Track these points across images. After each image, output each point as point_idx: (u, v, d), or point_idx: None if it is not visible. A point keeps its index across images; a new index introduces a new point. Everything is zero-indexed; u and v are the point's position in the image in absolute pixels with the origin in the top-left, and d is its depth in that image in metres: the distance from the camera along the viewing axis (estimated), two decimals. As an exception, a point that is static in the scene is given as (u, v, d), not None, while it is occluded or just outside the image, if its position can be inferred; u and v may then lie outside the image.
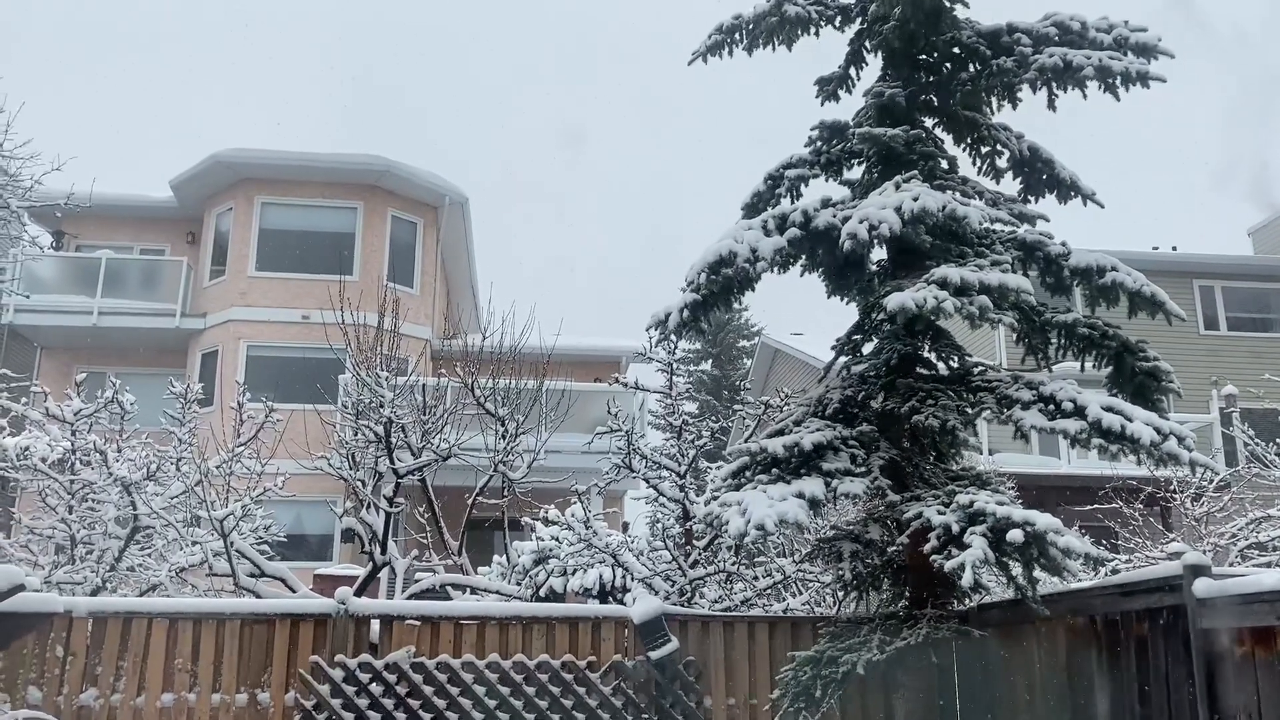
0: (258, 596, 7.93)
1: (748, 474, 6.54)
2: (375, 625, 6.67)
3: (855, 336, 7.46)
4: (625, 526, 14.31)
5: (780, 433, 6.72)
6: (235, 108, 73.22)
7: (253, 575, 8.33)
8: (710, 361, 42.81)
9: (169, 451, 9.28)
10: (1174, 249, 23.38)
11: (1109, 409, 5.92)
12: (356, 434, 9.39)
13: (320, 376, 14.24)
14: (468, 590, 8.82)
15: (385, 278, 16.56)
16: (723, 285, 6.94)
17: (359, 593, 8.11)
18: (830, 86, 7.83)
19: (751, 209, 7.72)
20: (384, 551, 8.80)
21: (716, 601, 8.45)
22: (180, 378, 14.15)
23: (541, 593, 8.67)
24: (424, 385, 9.96)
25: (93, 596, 7.60)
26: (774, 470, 6.37)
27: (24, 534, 9.11)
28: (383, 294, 10.52)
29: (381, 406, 8.88)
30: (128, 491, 8.33)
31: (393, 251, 20.15)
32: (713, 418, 10.57)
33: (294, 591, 8.34)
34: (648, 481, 9.26)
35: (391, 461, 9.00)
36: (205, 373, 18.95)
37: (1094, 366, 6.83)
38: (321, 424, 10.45)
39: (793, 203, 7.52)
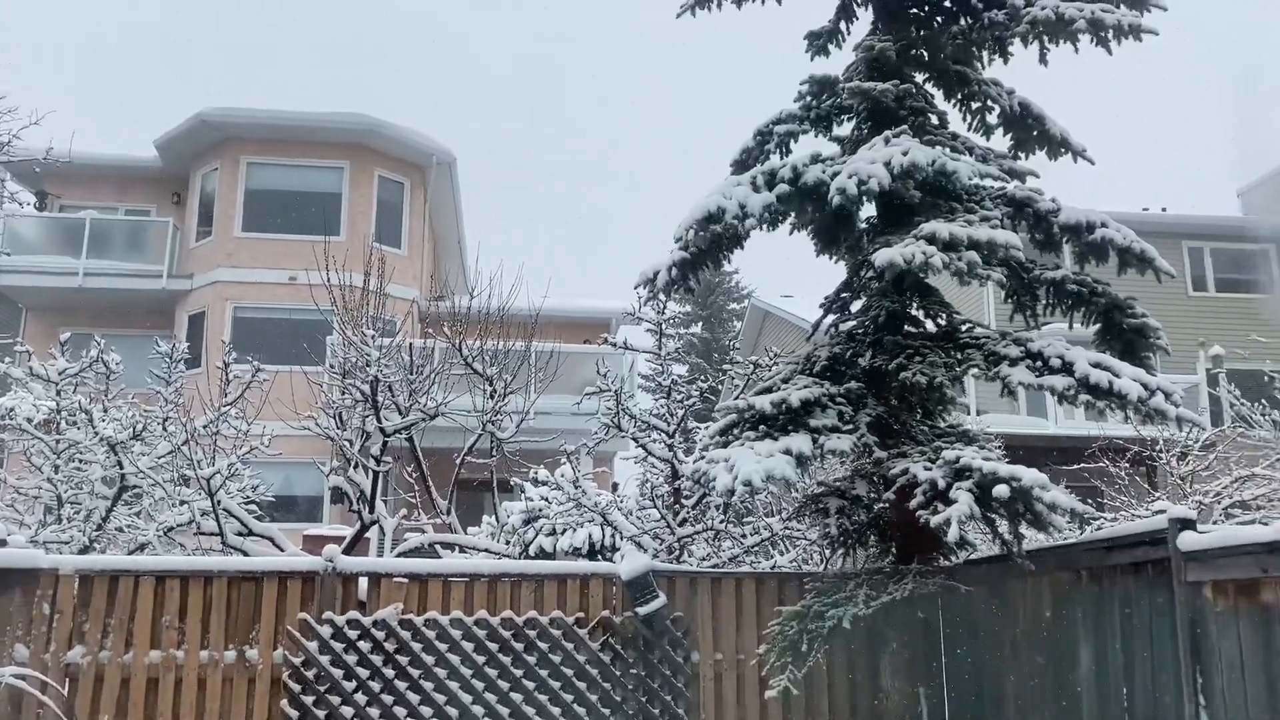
0: (245, 555, 7.93)
1: (735, 431, 6.54)
2: (363, 583, 6.67)
3: (844, 294, 7.44)
4: (615, 487, 14.30)
5: (768, 390, 6.71)
6: (217, 67, 72.31)
7: (241, 534, 8.33)
8: (701, 324, 42.79)
9: (155, 412, 9.23)
10: (1164, 210, 23.35)
11: (1097, 365, 5.92)
12: (343, 394, 9.35)
13: (308, 337, 14.17)
14: (457, 549, 8.84)
15: (372, 238, 16.44)
16: (711, 242, 6.90)
17: (347, 551, 8.12)
18: (820, 41, 7.74)
19: (741, 165, 7.66)
20: (372, 510, 8.80)
21: (705, 559, 8.48)
22: (167, 339, 14.07)
23: (530, 552, 8.68)
24: (411, 345, 9.90)
25: (80, 555, 7.59)
26: (762, 427, 6.36)
27: (9, 494, 9.08)
28: (369, 254, 10.43)
29: (368, 366, 8.84)
30: (114, 451, 8.29)
31: (380, 212, 20.01)
32: (702, 378, 10.56)
33: (282, 550, 8.34)
34: (637, 441, 9.27)
35: (378, 421, 8.97)
36: (193, 334, 18.86)
37: (1082, 323, 6.83)
38: (308, 384, 10.40)
39: (782, 159, 7.45)
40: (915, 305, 7.04)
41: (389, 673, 6.39)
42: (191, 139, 19.84)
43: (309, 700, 6.29)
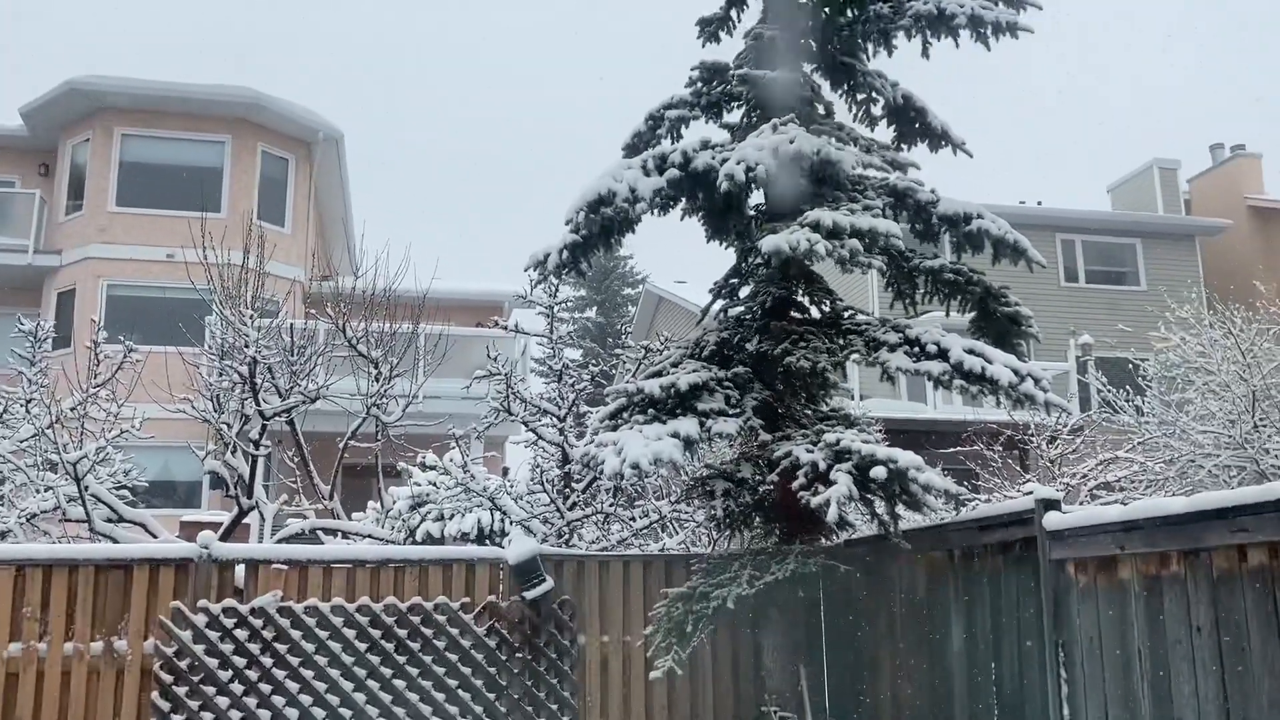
0: (115, 542, 7.62)
1: (625, 415, 6.56)
2: (240, 570, 6.48)
3: (732, 280, 7.52)
4: (505, 471, 14.23)
5: (658, 374, 6.75)
6: (96, 34, 69.01)
7: (110, 521, 7.99)
8: (595, 309, 42.81)
9: (18, 393, 8.78)
10: (1039, 204, 24.28)
11: (970, 351, 6.12)
12: (221, 375, 9.05)
13: (186, 317, 13.64)
14: (340, 535, 8.66)
15: (254, 215, 15.94)
16: (602, 226, 6.87)
17: (225, 538, 7.87)
18: (711, 28, 7.77)
19: (632, 149, 7.64)
20: (250, 496, 8.54)
21: (594, 542, 8.50)
22: (33, 317, 13.40)
23: (418, 537, 8.55)
24: (292, 326, 9.63)
25: (-68, 545, 7.17)
26: (650, 411, 6.39)
27: None
28: (249, 231, 10.09)
29: (246, 347, 8.56)
30: (-30, 435, 7.86)
31: (263, 188, 19.38)
32: (595, 363, 10.55)
33: (155, 537, 8.04)
34: (527, 425, 9.21)
35: (257, 403, 8.71)
36: (62, 313, 18.03)
37: (959, 311, 7.04)
38: (185, 366, 10.03)
39: (673, 144, 7.45)
40: (801, 292, 7.16)
41: (267, 661, 6.23)
42: (61, 107, 18.89)
43: (181, 691, 6.08)
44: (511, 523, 8.25)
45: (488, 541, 8.28)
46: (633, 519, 8.70)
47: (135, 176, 19.00)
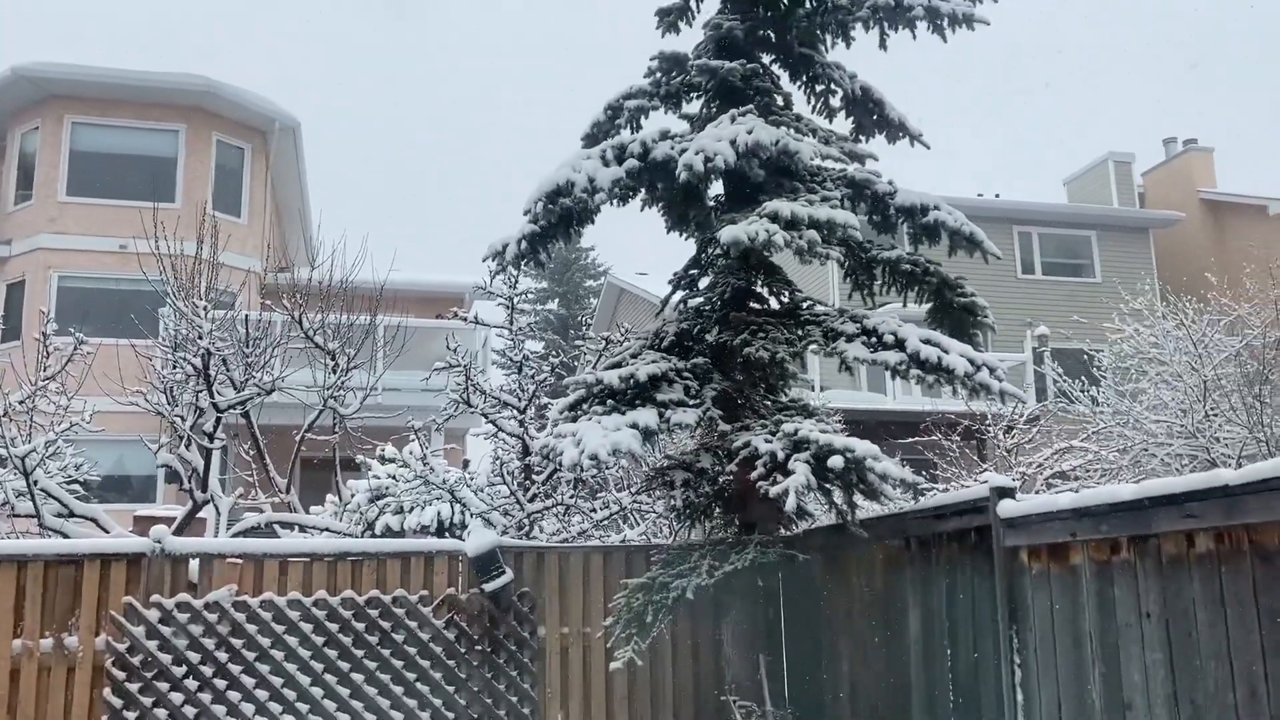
0: (65, 537, 7.48)
1: (585, 406, 6.55)
2: (194, 564, 6.39)
3: (692, 271, 7.52)
4: (466, 464, 14.18)
5: (617, 365, 6.73)
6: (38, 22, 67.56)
7: (61, 516, 7.85)
8: (557, 301, 42.73)
9: (-36, 386, 8.60)
10: (996, 196, 24.54)
11: (927, 341, 6.17)
12: (175, 367, 8.91)
13: (139, 309, 13.45)
14: (296, 528, 8.57)
15: (209, 205, 15.69)
16: (561, 216, 6.85)
17: (179, 532, 7.77)
18: (670, 18, 7.74)
19: (591, 139, 7.62)
20: (205, 490, 8.43)
21: (555, 534, 8.48)
22: (-20, 309, 13.13)
23: (376, 530, 8.49)
24: (246, 317, 9.50)
25: (-125, 541, 7.00)
26: (610, 402, 6.38)
27: None
28: (202, 221, 9.93)
29: (200, 338, 8.44)
30: (-85, 429, 7.68)
31: (219, 177, 19.10)
32: (555, 355, 10.52)
33: (107, 532, 7.90)
34: (487, 417, 9.17)
35: (211, 396, 8.59)
36: (11, 304, 17.72)
37: (916, 302, 7.09)
38: (138, 358, 9.88)
39: (632, 134, 7.45)
40: (760, 282, 7.17)
41: (222, 656, 6.15)
42: (8, 95, 18.49)
43: (134, 688, 5.99)
44: (472, 515, 8.21)
45: (448, 534, 8.23)
46: (593, 510, 8.70)
47: (86, 166, 18.66)
